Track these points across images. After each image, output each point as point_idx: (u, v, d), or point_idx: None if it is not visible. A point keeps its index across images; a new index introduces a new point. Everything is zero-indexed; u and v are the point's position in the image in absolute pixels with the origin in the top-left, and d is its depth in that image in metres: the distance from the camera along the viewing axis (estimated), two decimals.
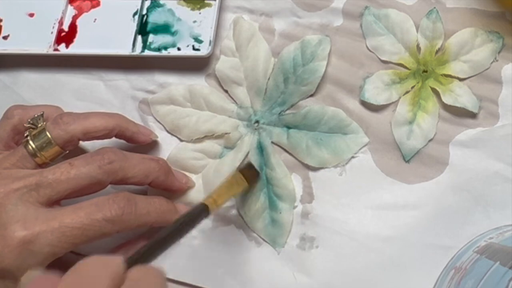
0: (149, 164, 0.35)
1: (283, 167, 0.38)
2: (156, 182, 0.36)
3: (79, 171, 0.33)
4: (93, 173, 0.33)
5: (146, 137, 0.38)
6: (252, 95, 0.40)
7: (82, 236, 0.31)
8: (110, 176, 0.33)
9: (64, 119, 0.35)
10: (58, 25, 0.42)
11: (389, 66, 0.39)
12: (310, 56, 0.39)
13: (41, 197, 0.32)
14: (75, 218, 0.31)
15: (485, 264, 0.31)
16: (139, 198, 0.34)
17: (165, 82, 0.41)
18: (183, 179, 0.38)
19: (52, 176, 0.32)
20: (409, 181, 0.37)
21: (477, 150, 0.37)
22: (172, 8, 0.42)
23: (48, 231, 0.31)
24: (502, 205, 0.35)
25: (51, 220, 0.31)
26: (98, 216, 0.32)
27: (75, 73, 0.43)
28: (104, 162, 0.33)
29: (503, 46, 0.38)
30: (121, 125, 0.36)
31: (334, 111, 0.38)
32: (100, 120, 0.36)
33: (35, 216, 0.31)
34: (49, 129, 0.34)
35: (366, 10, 0.40)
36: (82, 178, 0.33)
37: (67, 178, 0.32)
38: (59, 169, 0.33)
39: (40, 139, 0.34)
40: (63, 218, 0.31)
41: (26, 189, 0.32)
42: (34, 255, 0.31)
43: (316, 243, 0.37)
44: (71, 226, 0.31)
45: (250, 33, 0.41)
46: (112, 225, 0.32)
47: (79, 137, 0.35)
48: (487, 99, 0.37)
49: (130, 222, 0.33)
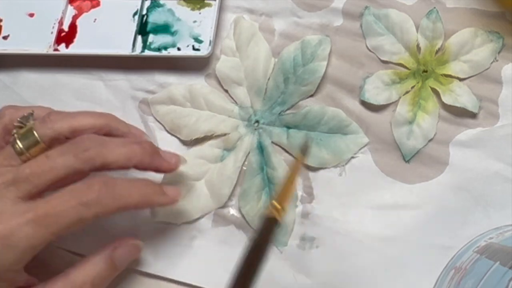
0: (130, 147, 0.34)
1: (284, 166, 0.38)
2: (142, 165, 0.34)
3: (55, 162, 0.32)
4: (69, 163, 0.32)
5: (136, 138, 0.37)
6: (252, 95, 0.40)
7: (58, 223, 0.31)
8: (88, 164, 0.32)
9: (52, 117, 0.35)
10: (58, 25, 0.42)
11: (389, 66, 0.39)
12: (310, 56, 0.39)
13: (20, 191, 0.32)
14: (49, 207, 0.31)
15: (485, 264, 0.31)
16: (119, 180, 0.33)
17: (165, 82, 0.41)
18: (172, 159, 0.36)
19: (28, 170, 0.32)
20: (409, 181, 0.37)
21: (477, 150, 0.37)
22: (172, 8, 0.42)
23: (23, 223, 0.30)
24: (502, 205, 0.35)
25: (26, 213, 0.31)
26: (73, 201, 0.31)
27: (75, 73, 0.43)
28: (80, 150, 0.32)
29: (503, 46, 0.38)
30: (110, 124, 0.36)
31: (334, 111, 0.38)
32: (88, 119, 0.35)
33: (11, 211, 0.31)
34: (36, 128, 0.34)
35: (366, 10, 0.40)
36: (58, 169, 0.32)
37: (43, 171, 0.32)
38: (35, 162, 0.32)
39: (27, 138, 0.34)
40: (38, 209, 0.31)
41: (4, 185, 0.32)
42: (12, 249, 0.30)
43: (316, 243, 0.37)
44: (45, 215, 0.31)
45: (251, 33, 0.41)
46: (88, 209, 0.31)
47: (65, 135, 0.34)
48: (487, 99, 0.37)
49: (108, 204, 0.32)
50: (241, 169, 0.38)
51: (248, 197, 0.38)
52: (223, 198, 0.38)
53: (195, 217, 0.38)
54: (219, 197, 0.38)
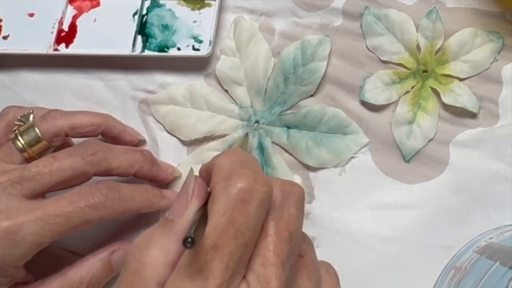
0: (133, 155, 0.35)
1: (284, 166, 0.38)
2: (141, 173, 0.36)
3: (62, 163, 0.33)
4: (76, 164, 0.33)
5: (132, 138, 0.39)
6: (252, 95, 0.40)
7: (66, 223, 0.32)
8: (93, 167, 0.34)
9: (52, 114, 0.36)
10: (58, 25, 0.42)
11: (389, 66, 0.39)
12: (310, 56, 0.39)
13: (24, 189, 0.32)
14: (57, 206, 0.32)
15: (485, 264, 0.31)
16: (123, 185, 0.34)
17: (165, 82, 0.41)
18: (168, 169, 0.38)
19: (35, 169, 0.33)
20: (409, 181, 0.37)
21: (477, 150, 0.37)
22: (172, 8, 0.42)
23: (31, 220, 0.31)
24: (502, 205, 0.35)
25: (34, 210, 0.31)
26: (81, 203, 0.32)
27: (75, 73, 0.43)
28: (87, 153, 0.34)
29: (503, 46, 0.38)
30: (108, 122, 0.37)
31: (334, 111, 0.38)
32: (87, 117, 0.37)
33: (18, 208, 0.31)
34: (37, 124, 0.35)
35: (366, 10, 0.40)
36: (65, 169, 0.33)
37: (50, 171, 0.33)
38: (42, 162, 0.33)
39: (28, 134, 0.35)
40: (46, 208, 0.32)
41: (10, 182, 0.32)
42: (18, 245, 0.31)
43: (316, 243, 0.36)
44: (53, 214, 0.31)
45: (251, 33, 0.41)
46: (95, 211, 0.32)
47: (65, 132, 0.36)
48: (487, 99, 0.37)
49: (114, 207, 0.33)
50: None
51: None
52: None
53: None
54: None
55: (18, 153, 0.34)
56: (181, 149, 0.40)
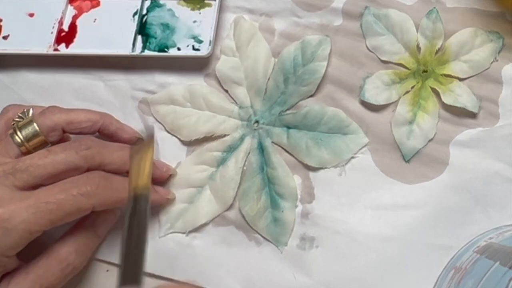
0: (126, 151, 0.36)
1: (284, 166, 0.38)
2: None
3: (56, 156, 0.33)
4: (70, 158, 0.34)
5: (129, 135, 0.39)
6: (252, 95, 0.40)
7: (58, 211, 0.32)
8: (87, 162, 0.34)
9: (50, 109, 0.36)
10: (58, 25, 0.42)
11: (389, 66, 0.39)
12: (310, 56, 0.39)
13: (17, 180, 0.32)
14: (49, 194, 0.32)
15: (485, 264, 0.31)
16: (115, 176, 0.35)
17: (165, 82, 0.41)
18: (163, 168, 0.38)
19: (29, 161, 0.33)
20: (409, 181, 0.37)
21: (477, 150, 0.37)
22: (172, 8, 0.42)
23: (23, 207, 0.31)
24: (502, 205, 0.35)
25: (27, 198, 0.32)
26: (73, 191, 0.32)
27: (75, 73, 0.43)
28: (81, 148, 0.34)
29: (503, 46, 0.38)
30: (105, 119, 0.38)
31: (334, 111, 0.38)
32: (84, 113, 0.37)
33: (10, 197, 0.32)
34: (35, 119, 0.36)
35: (366, 10, 0.40)
36: (58, 163, 0.33)
37: (44, 163, 0.33)
38: (37, 154, 0.34)
39: (26, 128, 0.35)
40: (38, 195, 0.32)
41: (3, 173, 0.33)
42: (10, 232, 0.31)
43: (316, 243, 0.37)
44: (45, 201, 0.32)
45: (251, 33, 0.41)
46: (87, 199, 0.33)
47: (62, 126, 0.36)
48: (487, 99, 0.37)
49: (106, 196, 0.33)
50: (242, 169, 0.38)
51: (247, 197, 0.38)
52: (228, 200, 0.38)
53: (202, 223, 0.38)
54: (224, 200, 0.38)
55: (15, 147, 0.35)
56: (181, 149, 0.40)
